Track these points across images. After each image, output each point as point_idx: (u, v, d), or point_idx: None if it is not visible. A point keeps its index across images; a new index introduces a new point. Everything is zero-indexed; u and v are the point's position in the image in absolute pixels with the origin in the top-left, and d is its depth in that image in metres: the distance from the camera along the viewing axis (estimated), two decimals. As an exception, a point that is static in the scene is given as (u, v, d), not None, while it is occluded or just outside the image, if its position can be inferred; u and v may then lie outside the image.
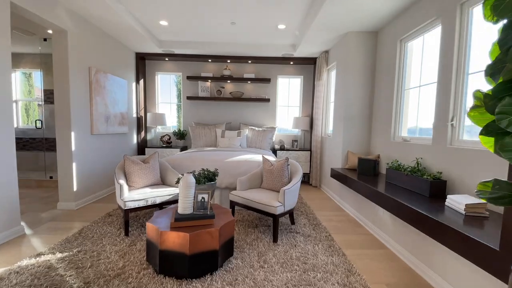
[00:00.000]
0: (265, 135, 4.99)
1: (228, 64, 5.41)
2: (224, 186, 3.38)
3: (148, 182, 2.95)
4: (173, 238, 1.80)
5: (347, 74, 3.74)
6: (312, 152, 5.04)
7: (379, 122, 3.54)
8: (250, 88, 5.47)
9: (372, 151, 3.69)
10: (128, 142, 4.88)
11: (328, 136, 4.63)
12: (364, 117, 3.77)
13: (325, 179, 4.65)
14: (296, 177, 2.79)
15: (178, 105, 5.64)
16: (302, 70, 5.44)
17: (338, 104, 4.04)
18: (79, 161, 3.51)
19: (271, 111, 5.51)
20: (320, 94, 4.75)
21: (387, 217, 2.65)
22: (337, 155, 4.00)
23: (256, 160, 3.51)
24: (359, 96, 3.75)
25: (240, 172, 3.38)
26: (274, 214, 2.45)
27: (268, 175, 2.94)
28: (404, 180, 2.55)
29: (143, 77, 5.32)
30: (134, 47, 4.80)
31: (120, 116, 4.53)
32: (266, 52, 4.86)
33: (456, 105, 2.30)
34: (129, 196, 2.57)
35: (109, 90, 4.17)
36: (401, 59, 3.17)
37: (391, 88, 3.26)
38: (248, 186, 3.01)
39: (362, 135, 3.79)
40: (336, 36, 3.94)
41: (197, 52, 4.99)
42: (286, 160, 2.83)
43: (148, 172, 2.95)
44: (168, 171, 3.15)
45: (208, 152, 3.96)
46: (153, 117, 5.16)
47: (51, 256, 2.19)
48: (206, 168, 2.49)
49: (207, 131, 5.04)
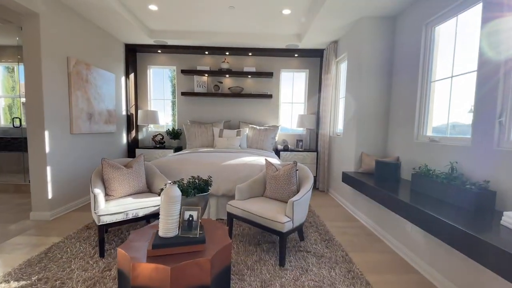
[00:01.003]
0: (267, 134, 4.54)
1: (226, 57, 4.96)
2: (221, 194, 2.94)
3: (131, 190, 2.50)
4: (150, 272, 1.36)
5: (360, 66, 3.29)
6: (319, 153, 4.60)
7: (399, 120, 3.09)
8: (251, 83, 5.02)
9: (390, 152, 3.25)
10: (116, 142, 4.43)
11: (337, 135, 4.19)
12: (380, 114, 3.32)
13: (334, 183, 4.21)
14: (306, 185, 2.34)
15: (173, 102, 5.19)
16: (308, 63, 4.98)
17: (350, 100, 3.59)
18: (55, 165, 3.07)
19: (273, 108, 5.07)
20: (328, 89, 4.30)
21: (417, 234, 2.21)
22: (349, 157, 3.55)
23: (258, 164, 3.07)
24: (374, 91, 3.30)
25: (239, 177, 2.93)
26: (281, 232, 2.00)
27: (272, 182, 2.50)
28: (437, 189, 2.11)
29: (133, 71, 4.87)
30: (123, 38, 4.35)
31: (107, 114, 4.08)
32: (268, 43, 4.41)
33: (506, 98, 1.85)
34: (105, 208, 2.12)
35: (93, 84, 3.72)
36: (426, 47, 2.72)
37: (414, 81, 2.81)
38: (249, 195, 2.56)
39: (378, 134, 3.34)
40: (347, 23, 3.48)
41: (192, 43, 4.53)
42: (294, 165, 2.38)
43: (131, 178, 2.51)
44: (155, 177, 2.71)
45: (204, 154, 3.51)
46: (145, 115, 4.72)
47: (3, 286, 1.75)
48: (197, 175, 2.04)
49: (203, 130, 4.59)
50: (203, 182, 1.92)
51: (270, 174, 2.52)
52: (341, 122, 4.27)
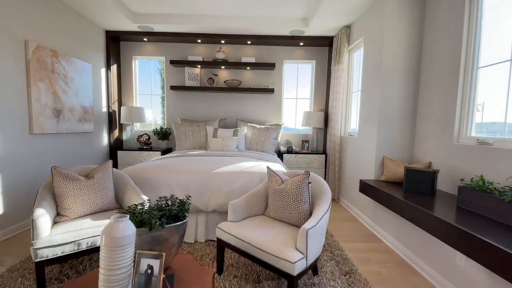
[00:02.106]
0: (268, 134, 3.95)
1: (222, 46, 4.36)
2: (211, 210, 2.35)
3: (92, 208, 1.92)
4: None
5: (381, 52, 2.70)
6: (328, 156, 4.01)
7: (431, 117, 2.49)
8: (250, 75, 4.42)
9: (418, 157, 2.66)
10: (94, 144, 3.85)
11: (350, 135, 3.60)
12: (407, 110, 2.73)
13: (347, 191, 3.62)
14: (322, 203, 1.75)
15: (162, 97, 4.60)
16: (315, 53, 4.38)
17: (368, 94, 3.00)
18: (9, 172, 2.49)
19: (275, 105, 4.47)
20: (340, 81, 3.70)
21: (474, 269, 1.62)
22: (367, 162, 2.97)
23: (257, 171, 2.48)
24: (399, 82, 2.71)
25: (234, 189, 2.35)
26: (291, 275, 1.42)
27: (276, 199, 1.91)
28: (498, 209, 1.53)
29: (116, 62, 4.27)
30: (102, 23, 3.75)
31: (81, 110, 3.49)
32: (270, 29, 3.81)
33: None
34: (47, 238, 1.54)
35: (62, 75, 3.13)
36: (471, 23, 2.13)
37: (454, 68, 2.22)
38: (246, 214, 1.98)
39: (403, 135, 2.76)
40: (364, 1, 2.89)
41: (183, 29, 3.94)
42: (305, 176, 1.79)
43: (92, 192, 1.92)
44: (128, 189, 2.13)
45: (192, 158, 2.92)
46: (128, 112, 4.12)
47: None
48: (170, 195, 1.46)
49: (195, 129, 4.00)
50: (178, 205, 1.34)
51: (274, 188, 1.93)
52: (354, 120, 3.68)
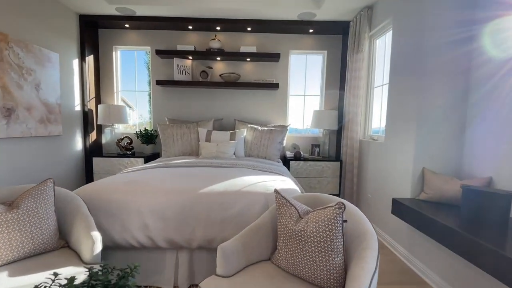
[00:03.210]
0: (272, 137, 3.31)
1: (217, 33, 3.72)
2: (196, 246, 1.71)
3: (15, 254, 1.28)
4: None
5: (421, 37, 2.05)
6: (344, 163, 3.37)
7: (490, 119, 1.85)
8: (250, 68, 3.78)
9: (469, 170, 2.01)
10: (64, 150, 3.21)
11: (373, 139, 2.96)
12: (454, 111, 2.09)
13: (369, 208, 2.98)
14: (365, 253, 1.11)
15: (149, 94, 3.97)
16: (326, 43, 3.74)
17: (400, 88, 2.36)
18: None
19: (280, 103, 3.83)
20: (359, 74, 3.06)
21: None
22: (401, 175, 2.32)
23: (261, 191, 1.83)
24: (445, 74, 2.06)
25: (227, 216, 1.71)
26: None
27: (291, 242, 1.26)
28: None
29: (93, 52, 3.63)
30: (73, 4, 3.11)
31: (44, 109, 2.86)
32: (274, 12, 3.17)
33: None
34: None
35: (16, 65, 2.50)
36: None
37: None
38: (244, 261, 1.34)
39: (449, 143, 2.11)
40: (398, -32, 2.25)
41: (171, 13, 3.30)
42: (339, 212, 1.15)
43: (16, 229, 1.28)
44: (77, 219, 1.49)
45: (176, 170, 2.28)
46: (106, 111, 3.48)
47: None
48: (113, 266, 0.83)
49: (184, 132, 3.36)
50: (117, 283, 0.70)
51: (288, 227, 1.28)
52: (376, 122, 3.04)
